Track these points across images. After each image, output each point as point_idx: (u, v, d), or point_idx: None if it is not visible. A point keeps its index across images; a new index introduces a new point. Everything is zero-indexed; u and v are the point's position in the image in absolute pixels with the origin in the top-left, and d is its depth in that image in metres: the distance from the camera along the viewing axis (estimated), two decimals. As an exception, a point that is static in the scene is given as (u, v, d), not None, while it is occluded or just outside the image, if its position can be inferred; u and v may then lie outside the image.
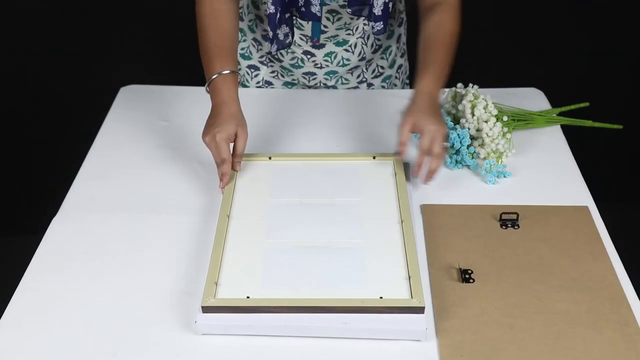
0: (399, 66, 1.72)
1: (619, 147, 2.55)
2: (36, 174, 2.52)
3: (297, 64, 1.63)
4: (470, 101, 1.46)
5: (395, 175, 1.35)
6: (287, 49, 1.59)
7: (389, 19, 1.62)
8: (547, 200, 1.34)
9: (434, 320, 1.09)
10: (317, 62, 1.62)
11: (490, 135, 1.42)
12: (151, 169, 1.44)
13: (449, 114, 1.52)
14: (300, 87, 1.71)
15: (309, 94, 1.68)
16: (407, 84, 1.78)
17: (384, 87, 1.72)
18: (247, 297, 1.08)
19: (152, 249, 1.24)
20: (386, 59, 1.68)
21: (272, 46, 1.43)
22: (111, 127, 1.58)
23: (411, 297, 1.07)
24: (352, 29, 1.56)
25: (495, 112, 1.44)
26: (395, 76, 1.72)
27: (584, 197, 1.36)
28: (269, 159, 1.40)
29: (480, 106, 1.44)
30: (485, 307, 1.11)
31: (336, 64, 1.63)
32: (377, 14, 1.39)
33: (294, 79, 1.69)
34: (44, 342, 1.07)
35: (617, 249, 1.23)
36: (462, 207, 1.32)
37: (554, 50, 2.50)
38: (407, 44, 1.75)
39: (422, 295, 1.07)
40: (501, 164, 1.41)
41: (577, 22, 2.46)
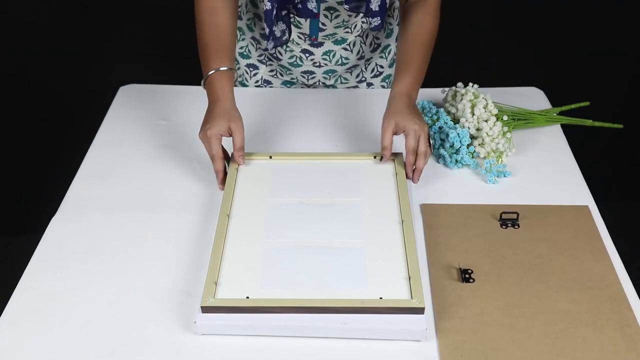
0: (398, 65, 1.72)
1: (619, 146, 2.55)
2: (35, 174, 2.52)
3: (295, 63, 1.63)
4: (470, 100, 1.46)
5: (396, 175, 1.35)
6: (285, 47, 1.59)
7: (388, 18, 1.63)
8: (547, 199, 1.34)
9: (434, 320, 1.09)
10: (316, 61, 1.62)
11: (490, 134, 1.42)
12: (150, 169, 1.44)
13: (448, 113, 1.52)
14: (299, 86, 1.71)
15: (308, 94, 1.68)
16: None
17: (383, 87, 1.72)
18: (247, 297, 1.08)
19: (151, 248, 1.23)
20: (385, 58, 1.68)
21: (269, 43, 1.44)
22: (110, 127, 1.58)
23: (411, 298, 1.07)
24: (351, 27, 1.56)
25: (495, 111, 1.44)
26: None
27: (584, 196, 1.36)
28: (270, 158, 1.40)
29: (480, 105, 1.44)
30: (485, 306, 1.11)
31: (335, 62, 1.63)
32: (374, 9, 1.40)
33: (293, 78, 1.69)
34: (43, 341, 1.07)
35: (617, 248, 1.23)
36: (462, 206, 1.32)
37: (554, 50, 2.49)
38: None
39: (422, 295, 1.07)
40: (501, 163, 1.41)
41: (577, 22, 2.46)
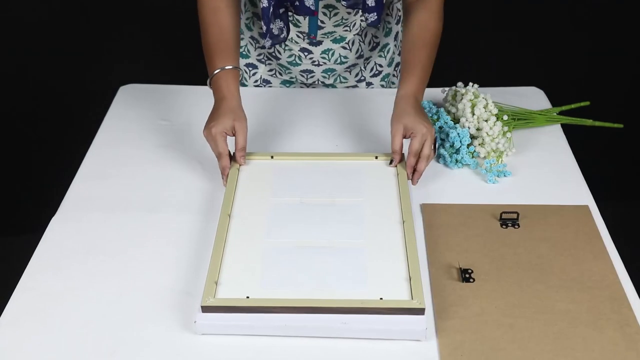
0: (397, 64, 1.72)
1: (620, 146, 2.55)
2: (35, 174, 2.52)
3: (294, 62, 1.63)
4: (470, 100, 1.46)
5: (397, 175, 1.35)
6: (284, 46, 1.59)
7: (387, 17, 1.62)
8: (548, 199, 1.34)
9: (434, 319, 1.09)
10: (315, 60, 1.62)
11: (490, 134, 1.42)
12: (150, 168, 1.43)
13: (449, 113, 1.52)
14: (298, 86, 1.71)
15: (308, 93, 1.68)
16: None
17: (383, 86, 1.72)
18: (247, 297, 1.07)
19: (151, 248, 1.23)
20: (384, 57, 1.68)
21: (266, 41, 1.44)
22: (110, 126, 1.58)
23: (411, 298, 1.07)
24: (350, 25, 1.56)
25: (495, 111, 1.44)
26: (393, 74, 1.72)
27: (584, 196, 1.36)
28: (271, 158, 1.40)
29: (480, 105, 1.44)
30: (485, 306, 1.11)
31: (334, 61, 1.63)
32: (370, 5, 1.40)
33: (292, 77, 1.69)
34: (43, 341, 1.07)
35: (617, 248, 1.23)
36: (462, 206, 1.32)
37: (554, 50, 2.49)
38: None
39: (422, 296, 1.07)
40: (501, 163, 1.41)
41: (577, 22, 2.46)
